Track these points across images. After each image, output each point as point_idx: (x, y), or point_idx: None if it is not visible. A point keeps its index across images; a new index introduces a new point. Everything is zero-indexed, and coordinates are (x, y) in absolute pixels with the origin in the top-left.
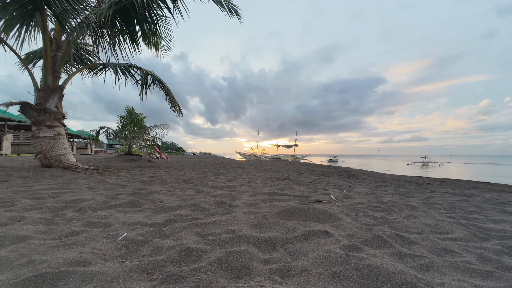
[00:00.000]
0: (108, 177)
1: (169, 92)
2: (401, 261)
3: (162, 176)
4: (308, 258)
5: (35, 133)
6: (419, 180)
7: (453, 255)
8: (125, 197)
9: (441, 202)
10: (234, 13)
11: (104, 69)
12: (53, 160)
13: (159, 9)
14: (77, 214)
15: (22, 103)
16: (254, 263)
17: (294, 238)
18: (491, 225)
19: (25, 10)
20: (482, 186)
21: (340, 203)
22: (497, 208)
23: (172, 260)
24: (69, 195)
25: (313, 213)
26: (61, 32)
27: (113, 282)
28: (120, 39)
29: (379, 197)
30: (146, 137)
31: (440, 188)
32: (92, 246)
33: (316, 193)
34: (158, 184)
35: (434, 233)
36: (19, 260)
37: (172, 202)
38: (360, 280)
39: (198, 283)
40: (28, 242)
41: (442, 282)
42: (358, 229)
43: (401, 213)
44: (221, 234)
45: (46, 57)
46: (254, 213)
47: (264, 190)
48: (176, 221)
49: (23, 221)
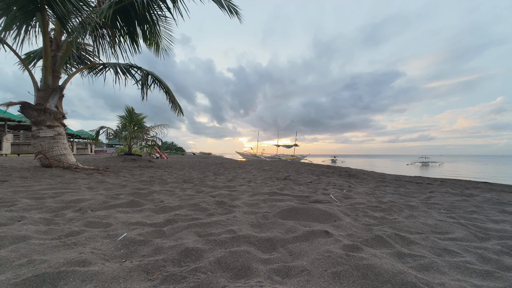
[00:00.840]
0: (108, 177)
1: (170, 92)
2: (401, 261)
3: (162, 176)
4: (308, 258)
5: (35, 133)
6: (419, 180)
7: (453, 255)
8: (125, 197)
9: (441, 202)
10: (234, 13)
11: (104, 69)
12: (53, 160)
13: (159, 9)
14: (77, 214)
15: (22, 103)
16: (254, 263)
17: (294, 238)
18: (491, 225)
19: (26, 10)
20: (482, 186)
21: (340, 203)
22: (497, 208)
23: (172, 260)
24: (69, 195)
25: (313, 213)
26: (61, 32)
27: (113, 282)
28: (120, 39)
29: (379, 197)
30: (146, 137)
31: (440, 188)
32: (92, 246)
33: (316, 193)
34: (158, 184)
35: (434, 233)
36: (19, 260)
37: (172, 202)
38: (360, 280)
39: (198, 283)
40: (28, 242)
41: (442, 282)
42: (358, 229)
43: (401, 213)
44: (221, 234)
45: (46, 57)
46: (254, 213)
47: (264, 190)
48: (176, 221)
49: (23, 221)
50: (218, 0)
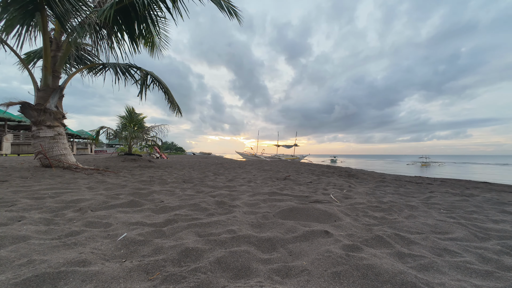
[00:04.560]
0: (108, 177)
1: (169, 92)
2: (401, 261)
3: (162, 176)
4: (308, 258)
5: (35, 133)
6: (419, 180)
7: (453, 255)
8: (125, 197)
9: (441, 202)
10: (234, 14)
11: (104, 69)
12: (53, 160)
13: (159, 10)
14: (77, 214)
15: (22, 103)
16: (254, 263)
17: (294, 238)
18: (491, 225)
19: (25, 11)
20: (482, 186)
21: (340, 203)
22: (497, 208)
23: (172, 260)
24: (69, 195)
25: (313, 213)
26: (61, 32)
27: (113, 282)
28: (119, 40)
29: (379, 197)
30: (146, 137)
31: (440, 188)
32: (92, 246)
33: (316, 193)
34: (158, 184)
35: (434, 233)
36: (19, 260)
37: (172, 202)
38: (360, 280)
39: (198, 283)
40: (28, 242)
41: (442, 282)
42: (358, 229)
43: (401, 213)
44: (221, 234)
45: (46, 57)
46: (254, 213)
47: (264, 190)
48: (176, 221)
49: (23, 221)
50: (218, 1)
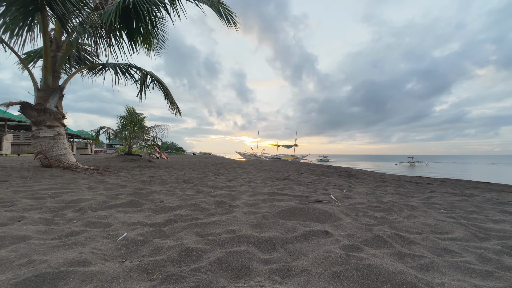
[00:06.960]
0: (108, 177)
1: (168, 92)
2: (401, 261)
3: (162, 176)
4: (308, 258)
5: (35, 133)
6: (419, 180)
7: (453, 255)
8: (125, 197)
9: (441, 202)
10: (233, 24)
11: (104, 69)
12: (53, 160)
13: (158, 11)
14: (77, 214)
15: (22, 103)
16: (254, 263)
17: (294, 238)
18: (491, 225)
19: (26, 11)
20: (482, 186)
21: (340, 203)
22: (497, 208)
23: (172, 260)
24: (69, 195)
25: (313, 213)
26: (61, 32)
27: (113, 282)
28: (118, 38)
29: (379, 197)
30: (146, 137)
31: (440, 188)
32: (92, 246)
33: (316, 193)
34: (158, 184)
35: (434, 233)
36: (19, 260)
37: (172, 202)
38: (360, 280)
39: (198, 283)
40: (28, 242)
41: (442, 282)
42: (358, 229)
43: (401, 213)
44: (221, 234)
45: (46, 57)
46: (254, 213)
47: (264, 190)
48: (176, 221)
49: (23, 221)
50: (217, 9)
